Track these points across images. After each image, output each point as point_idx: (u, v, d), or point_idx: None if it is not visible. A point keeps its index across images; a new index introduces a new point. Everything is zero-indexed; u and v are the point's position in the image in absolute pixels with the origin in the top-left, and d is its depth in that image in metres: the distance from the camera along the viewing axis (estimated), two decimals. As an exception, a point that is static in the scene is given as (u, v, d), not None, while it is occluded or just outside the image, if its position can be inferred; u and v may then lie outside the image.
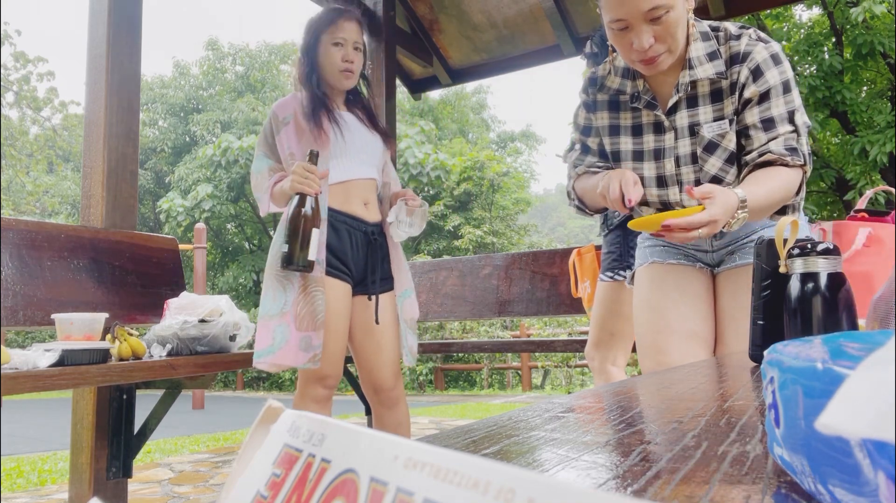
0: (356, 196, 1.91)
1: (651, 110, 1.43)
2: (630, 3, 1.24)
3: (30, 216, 17.55)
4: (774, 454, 0.31)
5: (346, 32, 1.89)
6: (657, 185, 1.46)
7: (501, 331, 11.05)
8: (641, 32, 1.26)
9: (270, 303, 1.81)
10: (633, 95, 1.45)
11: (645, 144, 1.46)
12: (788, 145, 1.31)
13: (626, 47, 1.30)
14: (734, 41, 1.37)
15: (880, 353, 0.19)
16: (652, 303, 1.53)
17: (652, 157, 1.46)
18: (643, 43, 1.27)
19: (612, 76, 1.48)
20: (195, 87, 18.14)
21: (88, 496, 1.97)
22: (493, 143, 21.48)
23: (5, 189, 17.09)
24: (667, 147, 1.43)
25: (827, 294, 0.82)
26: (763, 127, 1.33)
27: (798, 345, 0.31)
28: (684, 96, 1.40)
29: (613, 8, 1.26)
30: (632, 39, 1.28)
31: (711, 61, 1.38)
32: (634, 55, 1.31)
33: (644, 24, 1.26)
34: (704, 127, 1.39)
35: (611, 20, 1.27)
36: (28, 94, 15.96)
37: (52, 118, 16.82)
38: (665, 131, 1.43)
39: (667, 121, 1.42)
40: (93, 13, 2.23)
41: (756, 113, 1.34)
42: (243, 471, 0.22)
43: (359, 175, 1.92)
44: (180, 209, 14.35)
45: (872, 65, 7.44)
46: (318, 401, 1.86)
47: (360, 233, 1.91)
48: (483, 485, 0.15)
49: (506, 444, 0.42)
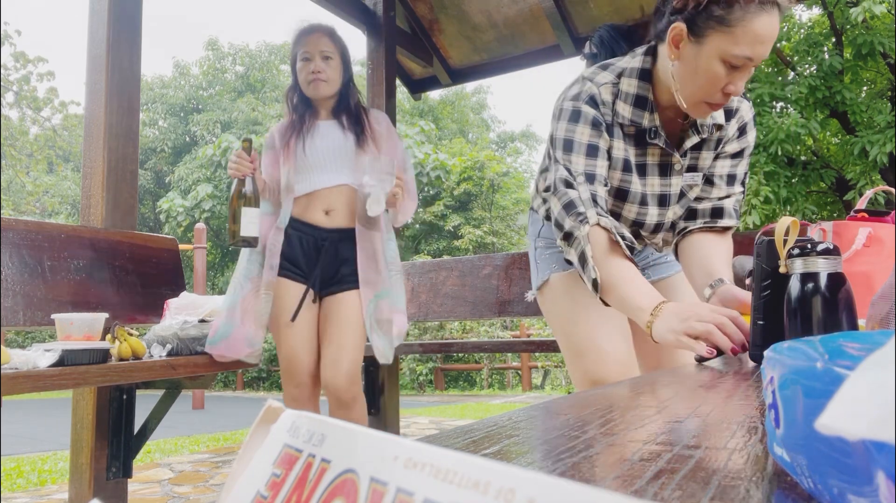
0: (317, 205, 2.00)
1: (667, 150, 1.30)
2: (766, 47, 1.11)
3: (30, 216, 17.55)
4: (774, 454, 0.31)
5: (312, 45, 1.99)
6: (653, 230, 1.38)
7: (501, 331, 11.05)
8: (745, 77, 1.15)
9: (226, 299, 2.00)
10: (651, 131, 1.29)
11: (649, 187, 1.33)
12: (736, 206, 1.37)
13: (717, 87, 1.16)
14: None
15: (880, 354, 0.19)
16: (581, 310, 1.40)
17: (656, 203, 1.35)
18: (740, 88, 1.15)
19: (621, 101, 1.29)
20: (195, 87, 18.13)
21: (88, 496, 1.97)
22: (493, 143, 21.48)
23: (5, 189, 17.09)
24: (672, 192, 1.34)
25: (827, 294, 0.82)
26: (727, 181, 1.37)
27: (798, 345, 0.31)
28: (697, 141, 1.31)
29: (748, 44, 1.10)
30: (732, 81, 1.14)
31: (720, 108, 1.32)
32: (717, 97, 1.17)
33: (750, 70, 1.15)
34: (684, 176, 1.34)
35: (737, 55, 1.11)
36: (28, 94, 15.95)
37: (52, 118, 16.81)
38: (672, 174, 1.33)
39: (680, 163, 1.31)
40: (93, 13, 2.23)
41: (728, 165, 1.36)
42: (243, 471, 0.22)
43: (323, 184, 1.99)
44: (180, 209, 14.35)
45: (872, 65, 7.44)
46: (295, 399, 1.94)
47: (311, 237, 1.99)
48: (483, 485, 0.15)
49: (506, 444, 0.42)
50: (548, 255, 1.49)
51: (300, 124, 2.02)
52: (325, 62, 2.00)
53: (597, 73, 1.32)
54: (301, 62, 2.01)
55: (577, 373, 1.43)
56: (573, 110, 1.28)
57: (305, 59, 2.00)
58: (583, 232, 1.21)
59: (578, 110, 1.28)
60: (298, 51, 2.02)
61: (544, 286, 1.49)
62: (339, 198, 2.00)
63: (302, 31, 2.04)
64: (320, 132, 2.02)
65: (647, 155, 1.31)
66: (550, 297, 1.47)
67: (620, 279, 1.17)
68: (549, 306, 1.49)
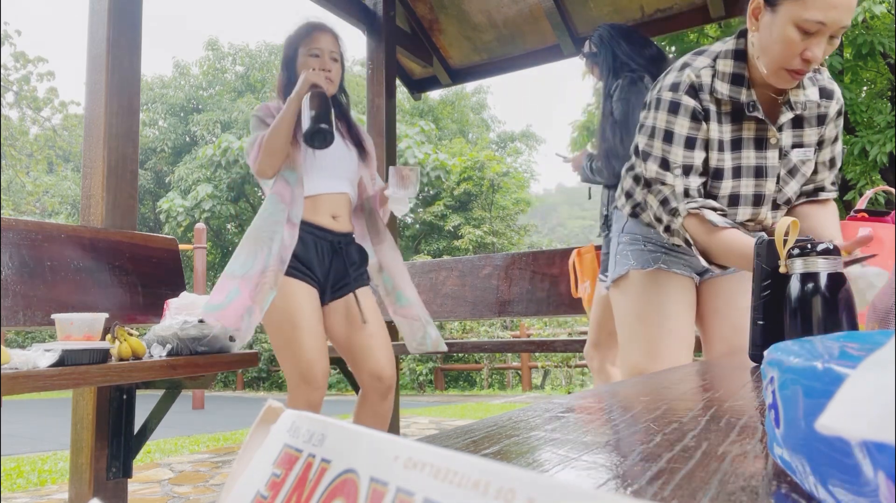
0: (324, 209, 1.99)
1: (764, 123, 1.36)
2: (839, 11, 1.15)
3: (30, 216, 17.55)
4: (774, 454, 0.31)
5: (322, 43, 1.98)
6: (753, 203, 1.42)
7: (501, 331, 11.04)
8: (822, 44, 1.19)
9: (238, 265, 1.88)
10: (749, 104, 1.35)
11: (744, 160, 1.39)
12: (834, 181, 1.47)
13: (793, 52, 1.21)
14: (819, 74, 1.40)
15: (880, 354, 0.19)
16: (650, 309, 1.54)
17: (752, 174, 1.40)
18: (818, 55, 1.19)
19: (719, 80, 1.36)
20: (195, 87, 18.13)
21: (88, 496, 1.97)
22: (493, 143, 21.48)
23: (5, 189, 17.09)
24: (770, 165, 1.39)
25: (827, 294, 0.82)
26: (829, 165, 1.45)
27: (798, 345, 0.31)
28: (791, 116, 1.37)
29: (820, 9, 1.15)
30: (807, 46, 1.19)
31: (813, 86, 1.39)
32: (797, 63, 1.22)
33: (826, 38, 1.19)
34: (793, 152, 1.39)
35: (809, 19, 1.17)
36: (28, 94, 15.95)
37: (52, 118, 16.81)
38: (768, 148, 1.39)
39: (776, 137, 1.37)
40: (93, 13, 2.23)
41: (829, 152, 1.44)
42: (243, 471, 0.22)
43: (329, 190, 2.00)
44: (180, 209, 14.35)
45: (872, 65, 7.44)
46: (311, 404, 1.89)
47: (326, 242, 1.98)
48: (483, 485, 0.15)
49: (506, 444, 0.42)
50: (630, 251, 1.59)
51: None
52: (333, 63, 2.00)
53: (694, 58, 1.40)
54: (309, 57, 1.97)
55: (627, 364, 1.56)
56: (672, 101, 1.36)
57: (315, 56, 1.97)
58: (677, 224, 1.36)
59: (678, 101, 1.36)
60: (304, 46, 1.98)
61: (622, 279, 1.61)
62: (343, 205, 2.03)
63: (310, 27, 2.01)
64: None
65: (742, 129, 1.38)
66: (625, 291, 1.60)
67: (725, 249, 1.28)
68: (622, 298, 1.61)
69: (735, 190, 1.40)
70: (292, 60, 2.01)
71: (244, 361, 2.02)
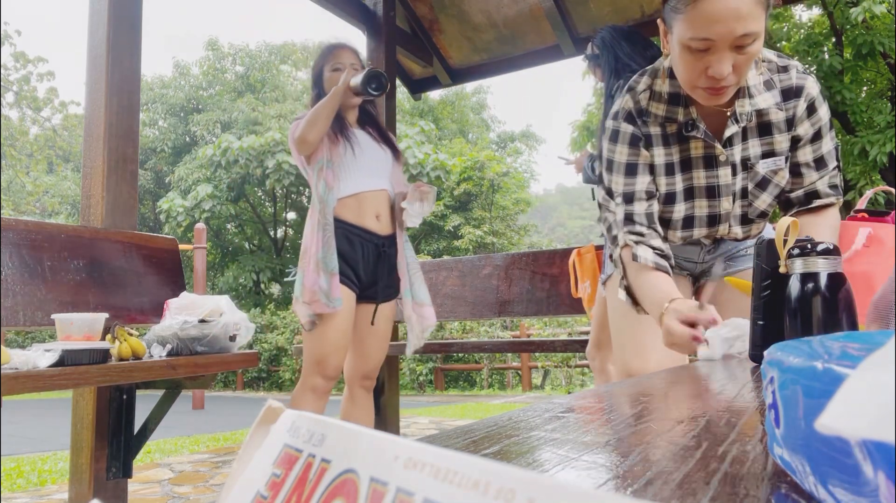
0: (369, 208, 2.12)
1: (709, 141, 1.29)
2: (724, 24, 1.07)
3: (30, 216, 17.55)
4: (774, 454, 0.31)
5: (343, 58, 2.19)
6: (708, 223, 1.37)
7: (501, 331, 11.04)
8: (723, 59, 1.11)
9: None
10: (687, 124, 1.29)
11: (695, 180, 1.33)
12: (832, 183, 1.33)
13: (696, 71, 1.15)
14: (784, 73, 1.30)
15: (880, 354, 0.19)
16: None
17: (704, 195, 1.34)
18: (722, 70, 1.12)
19: (655, 102, 1.32)
20: (195, 87, 18.13)
21: (88, 496, 1.97)
22: (493, 144, 21.48)
23: (5, 189, 17.09)
24: (722, 184, 1.32)
25: (827, 294, 0.82)
26: (815, 166, 1.32)
27: (798, 345, 0.31)
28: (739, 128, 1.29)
29: (701, 26, 1.09)
30: (708, 64, 1.13)
31: (769, 90, 1.29)
32: (703, 81, 1.16)
33: (728, 51, 1.11)
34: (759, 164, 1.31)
35: (692, 38, 1.11)
36: (28, 94, 15.95)
37: (52, 118, 16.82)
38: (719, 166, 1.31)
39: (724, 154, 1.30)
40: (93, 13, 2.23)
41: (809, 152, 1.32)
42: (243, 471, 0.22)
43: (370, 187, 2.14)
44: (180, 209, 14.35)
45: (872, 65, 7.44)
46: (316, 390, 2.06)
47: (372, 244, 2.13)
48: (483, 485, 0.15)
49: (506, 444, 0.42)
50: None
51: (341, 128, 2.14)
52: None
53: (638, 80, 1.36)
54: (333, 72, 2.17)
55: (618, 364, 1.56)
56: (613, 129, 1.35)
57: (338, 70, 2.17)
58: (616, 254, 1.36)
59: (617, 129, 1.34)
60: (328, 63, 2.19)
61: (609, 279, 1.62)
62: (384, 202, 2.18)
63: (331, 46, 2.24)
64: (358, 139, 2.16)
65: (690, 149, 1.32)
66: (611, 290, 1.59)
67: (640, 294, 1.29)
68: (611, 297, 1.61)
69: (689, 212, 1.35)
70: (319, 78, 2.21)
71: (244, 361, 2.02)
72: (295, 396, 2.09)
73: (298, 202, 17.20)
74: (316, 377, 2.06)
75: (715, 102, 1.21)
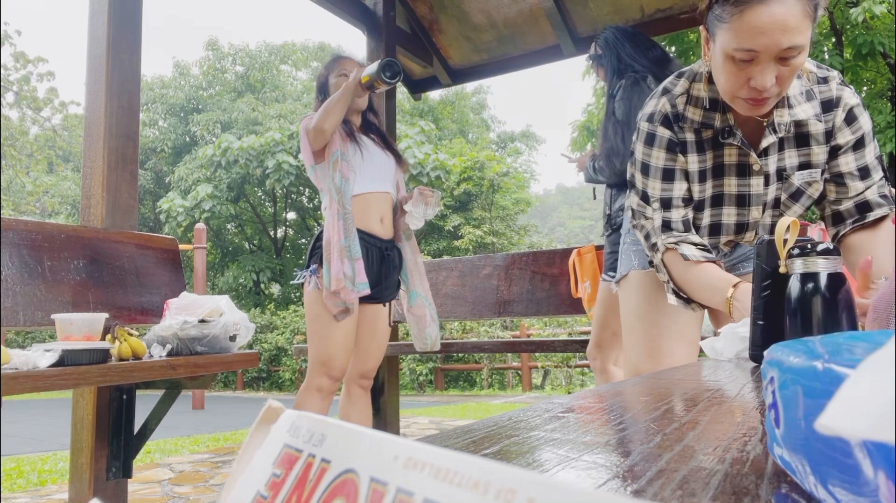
0: (374, 210, 2.18)
1: (745, 149, 1.27)
2: (770, 37, 1.06)
3: (30, 216, 17.55)
4: (774, 454, 0.31)
5: (348, 67, 2.26)
6: (735, 231, 1.35)
7: (501, 331, 11.04)
8: (767, 70, 1.09)
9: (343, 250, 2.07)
10: (724, 130, 1.27)
11: (726, 187, 1.31)
12: (881, 192, 1.28)
13: (739, 82, 1.13)
14: (823, 84, 1.27)
15: (880, 354, 0.19)
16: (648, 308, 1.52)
17: (734, 202, 1.32)
18: (765, 82, 1.10)
19: (692, 107, 1.29)
20: (195, 87, 18.14)
21: (88, 496, 1.97)
22: (493, 143, 21.48)
23: (5, 189, 17.10)
24: (753, 193, 1.30)
25: (827, 294, 0.82)
26: (860, 175, 1.28)
27: (798, 345, 0.31)
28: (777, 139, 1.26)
29: (746, 37, 1.07)
30: (751, 75, 1.11)
31: (809, 101, 1.26)
32: (745, 92, 1.14)
33: (772, 62, 1.09)
34: (795, 175, 1.28)
35: (736, 48, 1.09)
36: (28, 94, 15.95)
37: (52, 118, 16.82)
38: (752, 175, 1.29)
39: (758, 164, 1.28)
40: (93, 13, 2.23)
41: (852, 160, 1.28)
42: (243, 471, 0.22)
43: (376, 188, 2.19)
44: (180, 209, 14.35)
45: (872, 65, 7.44)
46: (322, 391, 2.09)
47: (376, 249, 2.19)
48: (483, 485, 0.15)
49: (506, 444, 0.42)
50: (633, 251, 1.58)
51: (349, 131, 2.19)
52: None
53: (675, 82, 1.33)
54: (339, 78, 2.24)
55: (629, 365, 1.55)
56: (648, 133, 1.33)
57: (343, 75, 2.23)
58: (657, 259, 1.34)
59: (653, 133, 1.32)
60: (332, 72, 2.26)
61: (623, 279, 1.61)
62: (388, 206, 2.24)
63: (337, 56, 2.32)
64: (366, 143, 2.22)
65: (724, 155, 1.30)
66: (626, 290, 1.59)
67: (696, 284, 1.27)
68: (624, 298, 1.60)
69: (716, 219, 1.34)
70: (324, 86, 2.27)
71: (244, 361, 2.02)
72: (300, 397, 2.11)
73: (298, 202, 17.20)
74: (322, 377, 2.09)
75: (755, 113, 1.19)
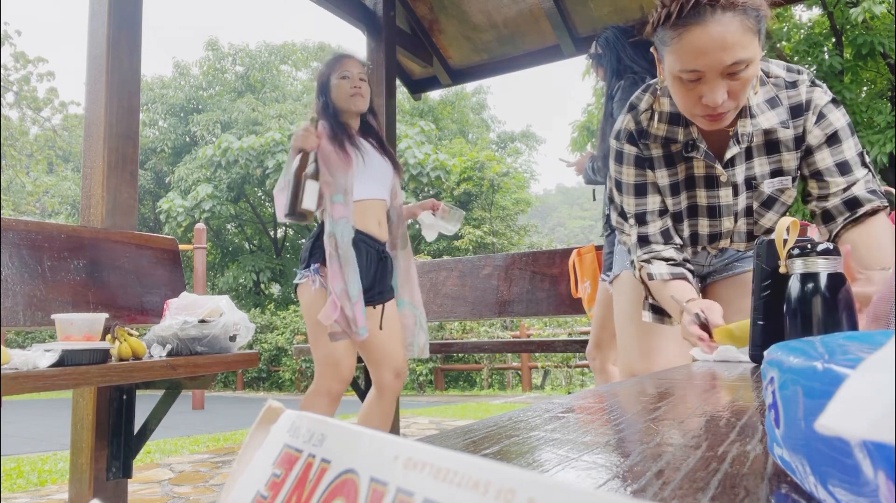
0: (372, 215, 2.18)
1: (709, 161, 1.27)
2: (711, 56, 1.06)
3: (30, 216, 17.55)
4: (774, 454, 0.31)
5: (350, 67, 2.21)
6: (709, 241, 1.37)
7: (501, 332, 11.04)
8: (716, 87, 1.10)
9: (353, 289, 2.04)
10: (688, 144, 1.27)
11: (698, 199, 1.32)
12: (869, 188, 1.25)
13: (691, 100, 1.14)
14: (792, 89, 1.25)
15: (880, 354, 0.19)
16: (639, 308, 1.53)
17: (706, 214, 1.33)
18: (716, 99, 1.10)
19: (656, 122, 1.30)
20: (195, 87, 18.13)
21: (88, 496, 1.97)
22: (493, 144, 21.48)
23: (5, 189, 17.10)
24: (723, 204, 1.31)
25: (827, 294, 0.82)
26: (839, 170, 1.25)
27: (798, 345, 0.31)
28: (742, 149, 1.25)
29: (688, 59, 1.08)
30: (702, 93, 1.11)
31: (773, 109, 1.25)
32: (700, 109, 1.14)
33: (719, 79, 1.09)
34: (764, 183, 1.28)
35: (681, 70, 1.11)
36: (28, 94, 15.95)
37: (52, 118, 16.82)
38: (720, 186, 1.29)
39: (724, 175, 1.27)
40: (93, 13, 2.23)
41: (828, 156, 1.25)
42: (243, 471, 0.22)
43: (374, 195, 2.20)
44: (180, 209, 14.35)
45: (872, 65, 7.44)
46: (331, 394, 2.10)
47: (374, 251, 2.18)
48: (483, 485, 0.15)
49: (506, 444, 0.42)
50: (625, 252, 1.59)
51: (349, 135, 2.18)
52: (361, 83, 2.21)
53: (640, 97, 1.34)
54: (340, 80, 2.19)
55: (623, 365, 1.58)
56: (616, 150, 1.35)
57: (344, 77, 2.19)
58: (636, 275, 1.38)
59: (621, 151, 1.34)
60: (334, 72, 2.21)
61: (616, 279, 1.64)
62: (383, 211, 2.24)
63: (339, 55, 2.27)
64: (365, 148, 2.20)
65: (693, 168, 1.30)
66: (619, 291, 1.62)
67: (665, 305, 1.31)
68: (616, 298, 1.63)
69: (693, 229, 1.35)
70: (326, 86, 2.23)
71: (244, 361, 2.02)
72: (308, 400, 2.09)
73: (298, 202, 17.16)
74: (332, 381, 2.09)
75: (715, 127, 1.19)
